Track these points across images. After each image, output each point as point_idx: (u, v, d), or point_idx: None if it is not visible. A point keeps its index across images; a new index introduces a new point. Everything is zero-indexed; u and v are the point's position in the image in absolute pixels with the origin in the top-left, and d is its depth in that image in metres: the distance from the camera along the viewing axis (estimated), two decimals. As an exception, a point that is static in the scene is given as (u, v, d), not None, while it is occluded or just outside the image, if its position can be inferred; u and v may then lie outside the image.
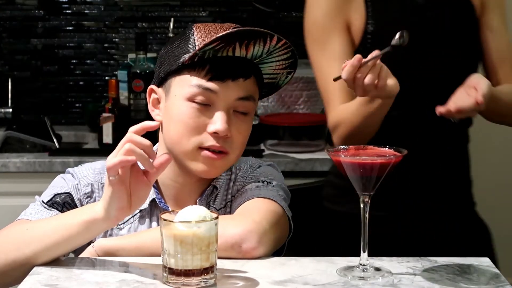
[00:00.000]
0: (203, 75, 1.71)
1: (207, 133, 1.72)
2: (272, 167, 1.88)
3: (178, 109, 1.73)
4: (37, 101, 3.73)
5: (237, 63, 1.73)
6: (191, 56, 1.70)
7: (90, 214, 1.59)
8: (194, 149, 1.73)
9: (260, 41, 1.70)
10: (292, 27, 3.72)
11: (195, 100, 1.72)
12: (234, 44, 1.69)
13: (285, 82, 1.82)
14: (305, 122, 3.17)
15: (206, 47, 1.67)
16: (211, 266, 1.51)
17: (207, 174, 1.76)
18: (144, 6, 3.71)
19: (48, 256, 1.62)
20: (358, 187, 1.58)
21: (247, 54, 1.72)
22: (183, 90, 1.73)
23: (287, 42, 1.72)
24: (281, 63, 1.76)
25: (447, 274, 1.57)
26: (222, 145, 1.73)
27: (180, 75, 1.73)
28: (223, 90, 1.71)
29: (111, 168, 1.53)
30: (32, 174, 3.03)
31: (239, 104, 1.74)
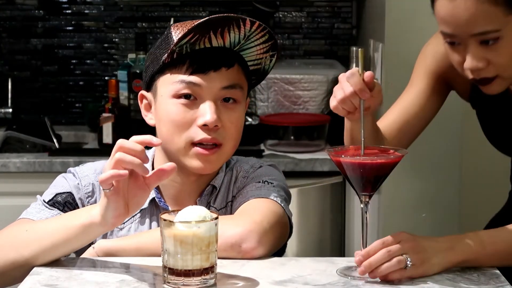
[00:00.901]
0: (184, 71, 1.72)
1: (197, 126, 1.72)
2: (273, 167, 1.88)
3: (165, 108, 1.74)
4: (37, 101, 3.73)
5: (216, 53, 1.73)
6: (169, 53, 1.71)
7: (87, 218, 1.59)
8: (186, 145, 1.73)
9: (234, 27, 1.70)
10: (292, 27, 3.73)
11: (181, 96, 1.72)
12: (208, 34, 1.69)
13: (270, 67, 1.82)
14: (305, 122, 3.17)
15: (181, 41, 1.68)
16: (211, 266, 1.51)
17: (203, 170, 1.76)
18: (144, 6, 3.71)
19: (47, 257, 1.62)
20: (358, 187, 1.59)
21: (224, 43, 1.73)
22: (167, 89, 1.73)
23: (261, 24, 1.72)
24: (261, 47, 1.76)
25: (447, 274, 1.57)
26: (214, 137, 1.72)
27: (163, 75, 1.74)
28: (206, 81, 1.72)
29: (103, 182, 1.52)
30: (32, 174, 3.03)
31: (225, 93, 1.74)
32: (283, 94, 3.31)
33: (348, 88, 1.63)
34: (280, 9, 3.70)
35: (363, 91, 1.62)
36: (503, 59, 1.67)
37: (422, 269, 1.55)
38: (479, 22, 1.64)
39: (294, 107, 3.31)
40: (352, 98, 1.63)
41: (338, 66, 3.45)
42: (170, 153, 1.76)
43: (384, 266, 1.53)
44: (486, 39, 1.66)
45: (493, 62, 1.67)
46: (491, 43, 1.66)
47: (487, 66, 1.68)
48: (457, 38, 1.68)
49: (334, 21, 3.72)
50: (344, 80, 1.64)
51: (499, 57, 1.67)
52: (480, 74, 1.69)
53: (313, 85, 3.29)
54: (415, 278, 1.54)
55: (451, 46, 1.71)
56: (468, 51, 1.67)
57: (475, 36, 1.65)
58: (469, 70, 1.69)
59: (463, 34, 1.66)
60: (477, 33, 1.65)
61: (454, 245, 1.60)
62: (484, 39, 1.66)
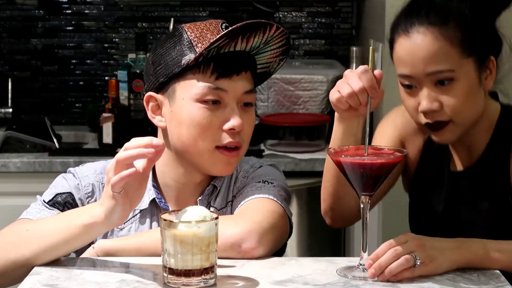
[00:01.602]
0: (209, 75, 1.71)
1: (222, 130, 1.72)
2: (273, 167, 1.88)
3: (189, 112, 1.72)
4: (37, 101, 3.73)
5: (238, 57, 1.73)
6: (196, 57, 1.69)
7: (90, 218, 1.59)
8: (211, 149, 1.73)
9: (260, 32, 1.70)
10: (292, 27, 3.73)
11: (205, 100, 1.72)
12: (237, 39, 1.69)
13: (276, 70, 1.83)
14: (305, 122, 3.17)
15: (212, 45, 1.67)
16: (211, 266, 1.51)
17: (225, 173, 1.77)
18: (144, 6, 3.71)
19: (47, 257, 1.62)
20: (358, 187, 1.59)
21: (246, 47, 1.73)
22: (190, 92, 1.72)
23: (284, 30, 1.72)
24: (275, 51, 1.77)
25: (447, 274, 1.57)
26: (238, 140, 1.74)
27: (184, 78, 1.72)
28: (231, 86, 1.72)
29: (114, 185, 1.53)
30: (32, 174, 3.03)
31: (246, 97, 1.75)
32: (283, 94, 3.31)
33: (357, 84, 1.64)
34: (280, 9, 3.70)
35: (374, 88, 1.65)
36: (456, 102, 1.70)
37: (431, 267, 1.56)
38: (435, 60, 1.68)
39: (294, 107, 3.31)
40: (360, 94, 1.65)
41: (338, 66, 3.45)
42: (189, 155, 1.75)
43: (393, 266, 1.53)
44: (441, 79, 1.69)
45: (447, 105, 1.70)
46: (446, 84, 1.70)
47: (441, 109, 1.71)
48: (414, 80, 1.71)
49: (334, 21, 3.73)
50: (352, 76, 1.66)
51: (453, 100, 1.70)
52: (434, 117, 1.72)
53: (313, 85, 3.29)
54: (415, 278, 1.54)
55: (407, 91, 1.74)
56: (423, 92, 1.71)
57: (431, 76, 1.69)
58: (424, 112, 1.72)
59: (419, 74, 1.70)
60: (432, 71, 1.69)
61: (460, 245, 1.61)
62: (439, 78, 1.69)
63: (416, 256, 1.55)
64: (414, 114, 1.75)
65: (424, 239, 1.60)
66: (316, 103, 3.31)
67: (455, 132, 1.74)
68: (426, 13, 1.71)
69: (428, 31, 1.69)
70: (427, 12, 1.71)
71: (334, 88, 1.69)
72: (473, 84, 1.72)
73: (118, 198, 1.54)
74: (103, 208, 1.57)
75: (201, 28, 1.73)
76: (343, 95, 1.66)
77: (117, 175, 1.52)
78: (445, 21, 1.70)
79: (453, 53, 1.69)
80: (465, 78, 1.71)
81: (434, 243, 1.60)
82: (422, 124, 1.74)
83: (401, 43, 1.72)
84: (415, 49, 1.70)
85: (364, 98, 1.65)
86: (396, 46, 1.74)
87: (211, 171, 1.77)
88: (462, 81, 1.70)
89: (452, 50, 1.69)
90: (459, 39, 1.69)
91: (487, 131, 1.81)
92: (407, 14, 1.74)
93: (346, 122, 1.74)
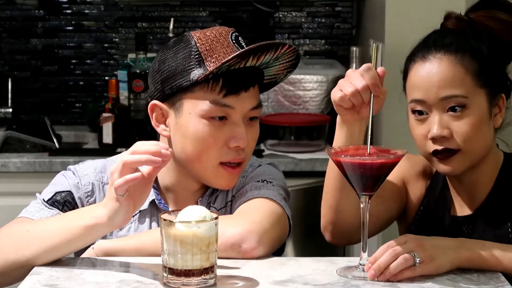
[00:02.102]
0: (218, 91, 1.70)
1: (228, 147, 1.72)
2: (272, 166, 1.88)
3: (195, 127, 1.71)
4: (37, 101, 3.73)
5: (247, 73, 1.72)
6: (206, 75, 1.68)
7: (92, 220, 1.59)
8: (215, 165, 1.73)
9: (272, 51, 1.70)
10: (292, 27, 3.73)
11: (212, 117, 1.71)
12: (248, 58, 1.69)
13: (282, 80, 1.82)
14: (305, 122, 3.17)
15: (223, 65, 1.66)
16: (211, 266, 1.51)
17: (226, 187, 1.78)
18: (144, 6, 3.71)
19: (48, 258, 1.62)
20: (358, 187, 1.58)
21: (256, 63, 1.72)
22: (197, 108, 1.71)
23: (295, 48, 1.72)
24: (284, 65, 1.76)
25: (447, 274, 1.57)
26: (243, 156, 1.74)
27: (192, 93, 1.71)
28: (239, 103, 1.71)
29: (118, 188, 1.53)
30: (32, 174, 3.03)
31: (252, 113, 1.74)
32: (283, 94, 3.31)
33: (360, 82, 1.63)
34: (280, 9, 3.70)
35: (377, 86, 1.64)
36: (467, 130, 1.70)
37: (433, 266, 1.56)
38: (449, 85, 1.70)
39: (294, 107, 3.31)
40: (363, 92, 1.64)
41: (338, 66, 3.45)
42: (192, 168, 1.75)
43: (392, 266, 1.53)
44: (453, 104, 1.70)
45: (457, 132, 1.70)
46: (458, 111, 1.70)
47: (451, 137, 1.71)
48: (426, 106, 1.72)
49: (334, 21, 3.72)
50: (354, 74, 1.65)
51: (464, 127, 1.70)
52: (443, 144, 1.71)
53: (313, 85, 3.29)
54: (415, 278, 1.54)
55: (417, 117, 1.73)
56: (434, 119, 1.71)
57: (444, 101, 1.70)
58: (433, 138, 1.71)
59: (432, 99, 1.70)
60: (446, 96, 1.70)
61: (462, 244, 1.61)
62: (452, 104, 1.70)
63: (415, 255, 1.55)
64: (423, 142, 1.74)
65: (424, 239, 1.60)
66: (316, 103, 3.31)
67: (463, 163, 1.73)
68: (443, 41, 1.74)
69: (445, 57, 1.72)
70: (445, 40, 1.74)
71: (336, 87, 1.68)
72: (484, 115, 1.73)
73: (121, 200, 1.54)
74: (106, 210, 1.57)
75: (210, 39, 1.71)
76: (346, 93, 1.65)
77: (121, 178, 1.52)
78: (462, 50, 1.72)
79: (468, 81, 1.71)
80: (477, 107, 1.71)
81: (435, 242, 1.60)
82: (430, 152, 1.73)
83: (416, 68, 1.74)
84: (431, 74, 1.71)
85: (367, 97, 1.64)
86: (411, 73, 1.75)
87: (212, 185, 1.77)
88: (474, 110, 1.71)
89: (467, 77, 1.71)
90: (474, 68, 1.71)
91: (490, 177, 1.79)
92: (425, 44, 1.77)
93: (348, 126, 1.72)
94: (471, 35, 1.76)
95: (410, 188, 1.91)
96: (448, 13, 1.81)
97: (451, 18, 1.80)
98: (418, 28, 2.73)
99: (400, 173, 1.89)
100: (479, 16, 1.78)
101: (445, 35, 1.77)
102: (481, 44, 1.75)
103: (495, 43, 1.76)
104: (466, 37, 1.75)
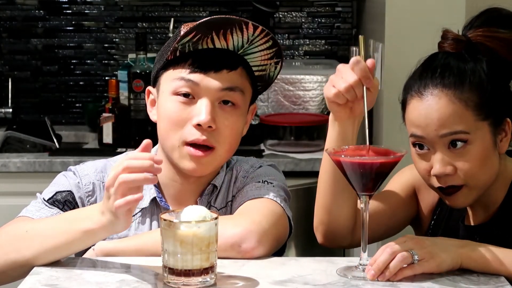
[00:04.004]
0: (186, 68, 1.72)
1: (191, 126, 1.72)
2: (272, 167, 1.88)
3: (165, 105, 1.74)
4: (37, 101, 3.73)
5: (220, 55, 1.73)
6: (171, 50, 1.71)
7: (92, 224, 1.57)
8: (180, 144, 1.72)
9: (237, 30, 1.70)
10: (292, 27, 3.73)
11: (179, 93, 1.72)
12: (210, 34, 1.70)
13: (276, 74, 1.82)
14: (305, 122, 3.17)
15: (183, 39, 1.69)
16: (211, 266, 1.51)
17: (194, 172, 1.75)
18: (144, 6, 3.71)
19: (48, 258, 1.62)
20: (358, 187, 1.58)
21: (228, 45, 1.72)
22: (168, 86, 1.74)
23: (264, 29, 1.72)
24: (265, 53, 1.76)
25: (447, 274, 1.57)
26: (207, 138, 1.71)
27: (166, 71, 1.75)
28: (205, 81, 1.72)
29: (119, 209, 1.51)
30: (32, 174, 3.03)
31: (223, 94, 1.73)
32: (283, 94, 3.31)
33: (351, 77, 1.62)
34: (280, 9, 3.70)
35: (368, 78, 1.62)
36: (470, 166, 1.66)
37: (433, 263, 1.55)
38: (449, 122, 1.65)
39: (294, 107, 3.31)
40: (356, 86, 1.63)
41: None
42: (166, 150, 1.77)
43: (391, 265, 1.53)
44: (455, 140, 1.65)
45: (460, 169, 1.67)
46: (459, 146, 1.66)
47: (455, 174, 1.67)
48: (427, 141, 1.68)
49: (334, 21, 3.73)
50: (345, 69, 1.64)
51: (467, 164, 1.66)
52: (447, 182, 1.68)
53: (313, 85, 3.29)
54: (415, 278, 1.54)
55: (419, 152, 1.70)
56: (436, 156, 1.67)
57: (444, 137, 1.66)
58: (436, 176, 1.68)
59: (432, 136, 1.66)
60: (447, 133, 1.65)
61: (465, 244, 1.61)
62: (452, 139, 1.66)
63: (413, 253, 1.54)
64: (426, 177, 1.71)
65: (424, 238, 1.60)
66: (316, 103, 3.31)
67: (469, 197, 1.70)
68: (440, 75, 1.67)
69: (443, 94, 1.65)
70: (442, 74, 1.67)
71: (328, 84, 1.67)
72: (487, 147, 1.68)
73: (122, 215, 1.53)
74: (104, 219, 1.55)
75: (196, 26, 1.72)
76: (339, 89, 1.64)
77: (123, 200, 1.50)
78: (460, 84, 1.66)
79: (468, 116, 1.65)
80: (480, 141, 1.67)
81: (436, 241, 1.59)
82: (435, 188, 1.71)
83: (414, 104, 1.68)
84: (429, 112, 1.66)
85: (360, 91, 1.63)
86: (409, 108, 1.70)
87: (181, 168, 1.75)
88: (476, 145, 1.66)
89: (467, 112, 1.65)
90: (474, 102, 1.65)
91: (503, 188, 1.76)
92: (421, 76, 1.70)
93: (341, 124, 1.71)
94: (469, 59, 1.69)
95: (422, 196, 1.89)
96: (444, 32, 1.74)
97: (448, 39, 1.72)
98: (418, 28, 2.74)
99: (411, 181, 1.88)
100: (478, 36, 1.70)
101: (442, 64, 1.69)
102: (480, 69, 1.68)
103: (495, 63, 1.69)
104: (464, 64, 1.68)
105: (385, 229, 1.88)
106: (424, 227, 1.90)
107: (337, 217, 1.79)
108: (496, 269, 1.59)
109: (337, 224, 1.80)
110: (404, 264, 1.54)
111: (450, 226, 1.84)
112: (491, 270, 1.59)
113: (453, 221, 1.84)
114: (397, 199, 1.87)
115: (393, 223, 1.89)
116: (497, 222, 1.76)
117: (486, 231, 1.76)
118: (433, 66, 1.70)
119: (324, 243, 1.85)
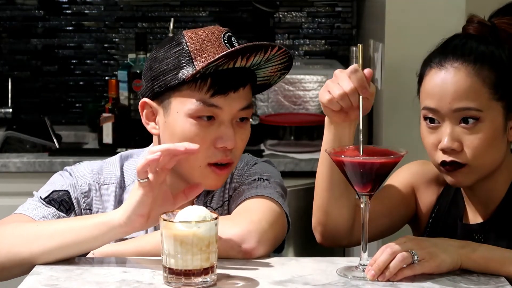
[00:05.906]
0: (205, 91, 1.68)
1: (215, 147, 1.71)
2: (267, 163, 1.88)
3: (182, 127, 1.70)
4: (37, 101, 3.73)
5: (236, 74, 1.71)
6: (193, 74, 1.67)
7: (106, 218, 1.60)
8: (202, 166, 1.71)
9: (261, 52, 1.69)
10: (292, 27, 3.73)
11: (199, 116, 1.70)
12: (236, 58, 1.67)
13: (276, 82, 1.82)
14: (305, 122, 3.17)
15: (210, 64, 1.65)
16: (211, 266, 1.51)
17: (214, 187, 1.77)
18: (144, 6, 3.71)
19: (53, 256, 1.62)
20: (358, 187, 1.58)
21: (246, 64, 1.71)
22: (185, 107, 1.70)
23: (286, 49, 1.71)
24: (276, 67, 1.76)
25: (447, 274, 1.57)
26: (230, 158, 1.72)
27: (180, 92, 1.70)
28: (227, 103, 1.69)
29: (140, 170, 1.54)
30: (32, 174, 3.03)
31: (241, 113, 1.72)
32: (283, 94, 3.31)
33: (348, 85, 1.62)
34: (280, 9, 3.70)
35: (365, 88, 1.62)
36: (478, 145, 1.67)
37: (434, 263, 1.55)
38: (464, 96, 1.66)
39: (294, 107, 3.31)
40: (351, 95, 1.62)
41: (338, 66, 3.44)
42: (180, 168, 1.73)
43: (391, 265, 1.53)
44: (466, 116, 1.66)
45: (467, 146, 1.67)
46: (470, 123, 1.66)
47: (461, 150, 1.67)
48: (438, 115, 1.68)
49: (334, 21, 3.73)
50: (342, 76, 1.63)
51: (475, 141, 1.67)
52: (451, 156, 1.69)
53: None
54: (415, 278, 1.54)
55: (429, 126, 1.70)
56: (446, 129, 1.68)
57: (456, 112, 1.66)
58: (442, 150, 1.69)
59: (445, 109, 1.67)
60: (459, 107, 1.66)
61: (465, 244, 1.61)
62: (464, 115, 1.66)
63: (413, 253, 1.54)
64: (433, 152, 1.71)
65: (424, 239, 1.60)
66: (316, 103, 3.31)
67: (469, 177, 1.71)
68: (462, 50, 1.69)
69: (462, 67, 1.67)
70: (464, 49, 1.69)
71: (324, 88, 1.66)
72: (497, 129, 1.69)
73: (144, 186, 1.56)
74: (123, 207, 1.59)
75: (202, 39, 1.70)
76: (334, 96, 1.63)
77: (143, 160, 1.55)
78: (481, 61, 1.67)
79: (483, 93, 1.66)
80: (491, 121, 1.67)
81: (436, 241, 1.59)
82: (438, 163, 1.71)
83: (432, 75, 1.69)
84: (446, 83, 1.67)
85: (355, 99, 1.62)
86: (426, 78, 1.71)
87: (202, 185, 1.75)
88: (487, 124, 1.67)
89: (483, 89, 1.66)
90: (492, 80, 1.67)
91: (504, 185, 1.76)
92: (443, 50, 1.72)
93: (336, 127, 1.70)
94: (492, 42, 1.70)
95: (420, 195, 1.89)
96: (470, 17, 1.76)
97: (473, 22, 1.74)
98: (418, 28, 2.74)
99: (410, 178, 1.88)
100: (503, 23, 1.72)
101: (465, 42, 1.71)
102: (502, 53, 1.69)
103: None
104: (487, 45, 1.70)
105: (383, 228, 1.88)
106: (422, 225, 1.90)
107: (335, 218, 1.79)
108: (496, 269, 1.59)
109: (335, 224, 1.80)
110: (404, 264, 1.54)
111: (448, 225, 1.84)
112: (491, 270, 1.59)
113: (451, 220, 1.84)
114: (395, 198, 1.87)
115: (392, 222, 1.89)
116: (495, 221, 1.76)
117: (484, 230, 1.76)
118: (455, 43, 1.72)
119: (322, 242, 1.85)
